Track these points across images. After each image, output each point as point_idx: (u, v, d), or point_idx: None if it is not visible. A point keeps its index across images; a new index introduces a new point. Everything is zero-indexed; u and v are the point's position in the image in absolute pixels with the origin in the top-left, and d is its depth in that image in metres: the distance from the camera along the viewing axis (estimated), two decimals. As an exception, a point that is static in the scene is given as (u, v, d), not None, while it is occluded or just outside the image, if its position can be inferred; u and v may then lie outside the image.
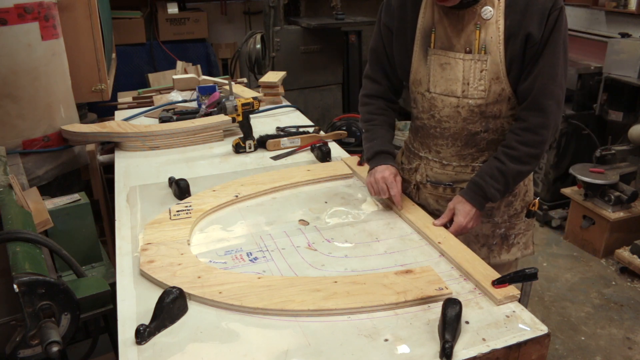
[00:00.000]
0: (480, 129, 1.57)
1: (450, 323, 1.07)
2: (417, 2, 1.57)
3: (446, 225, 1.54)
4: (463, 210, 1.52)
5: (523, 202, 1.69)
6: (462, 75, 1.51)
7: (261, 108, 2.53)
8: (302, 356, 1.06)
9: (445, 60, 1.53)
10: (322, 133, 2.30)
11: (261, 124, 2.46)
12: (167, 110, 2.56)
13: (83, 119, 2.86)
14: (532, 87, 1.45)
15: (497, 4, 1.44)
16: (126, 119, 2.52)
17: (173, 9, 4.69)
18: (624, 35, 3.69)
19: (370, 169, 1.69)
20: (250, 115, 2.11)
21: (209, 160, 2.08)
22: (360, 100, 1.80)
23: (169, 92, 2.98)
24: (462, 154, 1.62)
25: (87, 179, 2.61)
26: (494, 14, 1.44)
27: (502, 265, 1.70)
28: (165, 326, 1.13)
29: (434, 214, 1.66)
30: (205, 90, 2.67)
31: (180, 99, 2.83)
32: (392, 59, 1.68)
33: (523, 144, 1.47)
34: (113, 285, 1.31)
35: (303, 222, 1.59)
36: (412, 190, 1.77)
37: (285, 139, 2.17)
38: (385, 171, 1.63)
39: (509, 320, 1.16)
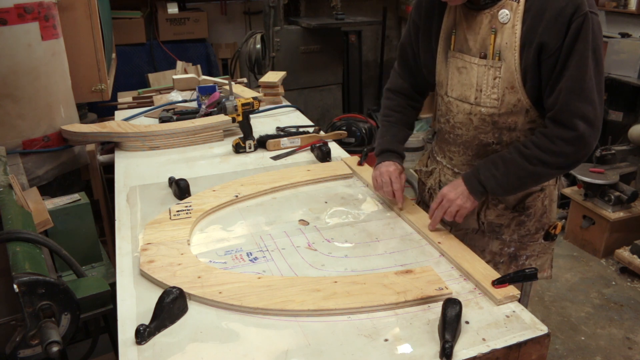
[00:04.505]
0: (492, 140, 1.49)
1: (450, 323, 1.08)
2: (444, 2, 1.47)
3: (444, 221, 1.51)
4: (452, 184, 1.48)
5: (539, 224, 1.59)
6: (476, 81, 1.44)
7: (261, 108, 2.53)
8: (302, 356, 1.06)
9: (462, 63, 1.47)
10: (322, 133, 2.30)
11: (261, 124, 2.46)
12: (167, 110, 2.56)
13: (83, 119, 2.86)
14: (555, 103, 1.33)
15: (515, 7, 1.33)
16: (126, 119, 2.52)
17: (173, 9, 4.69)
18: (624, 35, 3.69)
19: (376, 164, 1.69)
20: (250, 115, 2.11)
21: (209, 160, 2.08)
22: (384, 92, 1.79)
23: (169, 92, 2.98)
24: (473, 164, 1.55)
25: (87, 179, 2.60)
26: (510, 17, 1.34)
27: None
28: (165, 326, 1.13)
29: (442, 221, 1.63)
30: (205, 90, 2.67)
31: (180, 99, 2.83)
32: (418, 56, 1.64)
33: (535, 145, 1.37)
34: (113, 285, 1.31)
35: (303, 222, 1.59)
36: (426, 195, 1.76)
37: (285, 139, 2.17)
38: (391, 166, 1.63)
39: (509, 320, 1.16)
